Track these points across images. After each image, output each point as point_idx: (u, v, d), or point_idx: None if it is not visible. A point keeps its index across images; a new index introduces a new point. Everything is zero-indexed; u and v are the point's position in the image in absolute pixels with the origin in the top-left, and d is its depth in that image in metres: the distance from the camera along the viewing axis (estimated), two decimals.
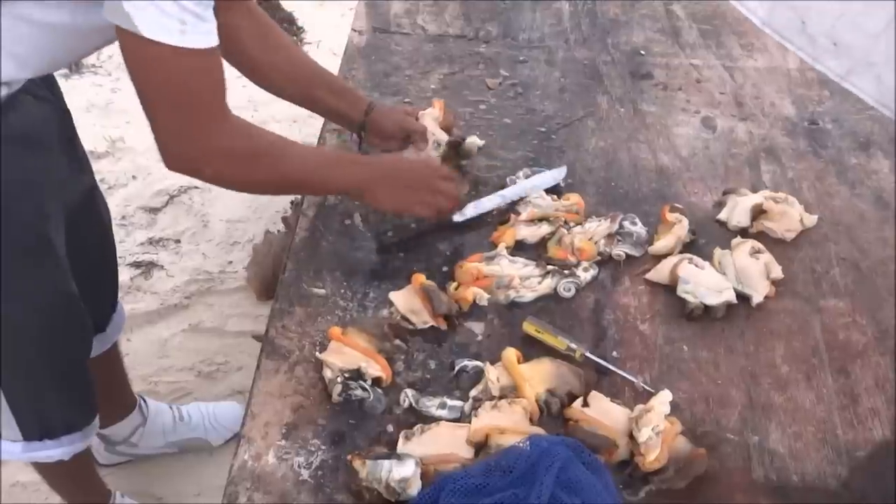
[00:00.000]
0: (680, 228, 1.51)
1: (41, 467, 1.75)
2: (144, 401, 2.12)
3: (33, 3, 1.15)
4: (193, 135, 1.22)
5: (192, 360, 2.41)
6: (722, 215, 1.60)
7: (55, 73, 1.43)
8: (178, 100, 1.17)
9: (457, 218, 1.54)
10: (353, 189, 1.44)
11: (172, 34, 1.08)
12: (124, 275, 2.58)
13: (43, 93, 1.34)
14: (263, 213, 2.86)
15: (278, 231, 2.64)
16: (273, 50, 1.56)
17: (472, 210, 1.56)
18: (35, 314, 1.43)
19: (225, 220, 2.84)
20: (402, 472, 1.11)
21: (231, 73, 1.58)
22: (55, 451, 1.62)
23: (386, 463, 1.12)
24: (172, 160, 1.24)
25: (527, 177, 1.65)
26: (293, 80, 1.60)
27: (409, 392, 1.26)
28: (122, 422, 2.05)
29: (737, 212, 1.58)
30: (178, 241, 2.76)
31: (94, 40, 1.28)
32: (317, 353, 1.30)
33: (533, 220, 1.54)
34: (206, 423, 2.17)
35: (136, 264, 2.66)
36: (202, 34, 1.12)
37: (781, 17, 1.31)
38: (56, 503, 1.97)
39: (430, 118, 1.64)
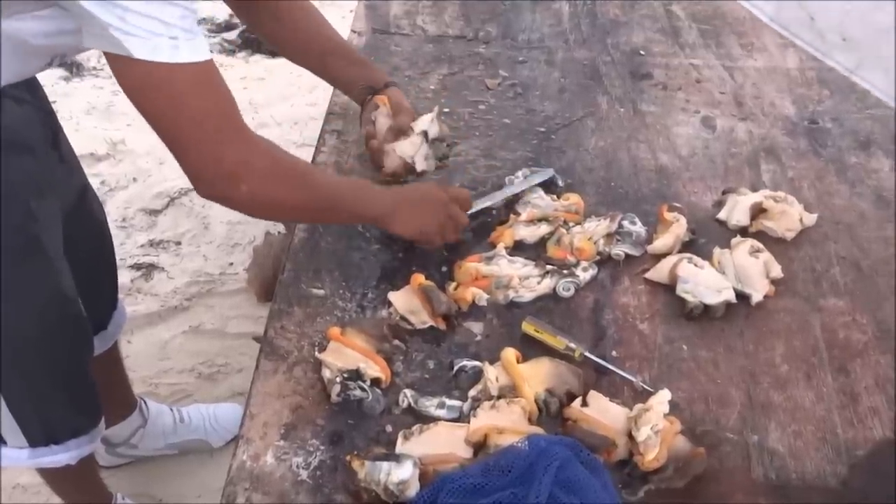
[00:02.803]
0: (678, 227, 1.51)
1: (45, 471, 1.75)
2: (145, 402, 2.12)
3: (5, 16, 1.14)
4: (217, 149, 1.17)
5: (193, 362, 2.41)
6: (721, 215, 1.59)
7: (41, 76, 1.41)
8: (191, 116, 1.14)
9: None
10: (380, 216, 1.43)
11: (165, 51, 1.06)
12: (125, 277, 2.59)
13: (23, 95, 1.33)
14: None
15: (279, 233, 2.64)
16: (288, 17, 1.58)
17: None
18: (30, 317, 1.43)
19: (225, 222, 2.84)
20: (399, 474, 1.11)
21: (230, 76, 1.60)
22: (61, 456, 1.61)
23: (384, 465, 1.12)
24: (205, 184, 1.20)
25: (525, 177, 1.64)
26: (310, 51, 1.62)
27: (408, 392, 1.26)
28: (123, 423, 2.05)
29: (736, 211, 1.57)
30: (178, 243, 2.76)
31: (62, 49, 1.26)
32: (316, 354, 1.30)
33: (532, 220, 1.54)
34: (207, 424, 2.17)
35: (137, 266, 2.67)
36: (195, 49, 1.09)
37: (789, 13, 1.31)
38: None
39: (382, 116, 1.64)
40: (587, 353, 1.32)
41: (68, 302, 1.49)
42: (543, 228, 1.53)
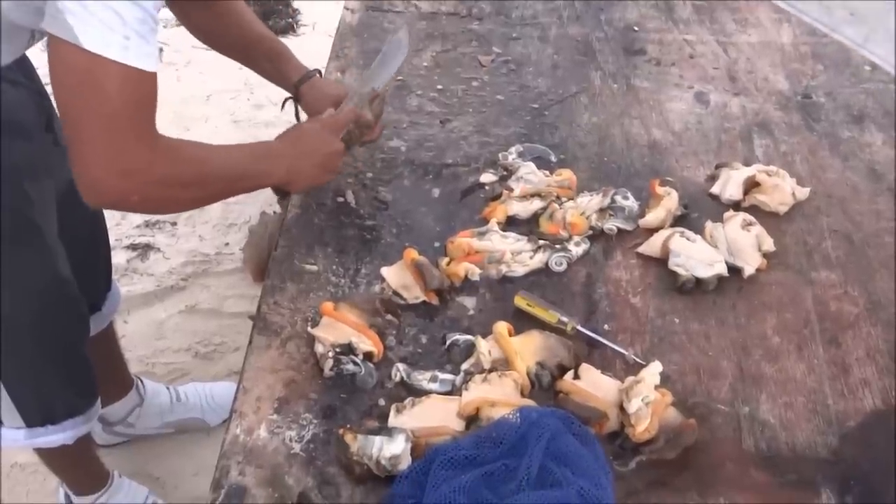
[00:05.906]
0: (669, 201, 1.51)
1: (42, 451, 1.75)
2: (142, 381, 2.12)
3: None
4: (118, 156, 1.11)
5: (189, 342, 2.42)
6: (714, 189, 1.60)
7: (36, 60, 1.41)
8: (106, 113, 1.08)
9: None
10: (276, 184, 1.45)
11: (115, 48, 1.04)
12: (121, 257, 2.59)
13: (18, 78, 1.32)
14: (259, 194, 2.85)
15: (274, 212, 2.63)
16: (218, 15, 1.56)
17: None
18: (26, 299, 1.43)
19: (221, 202, 2.83)
20: (392, 449, 1.11)
21: (225, 57, 1.61)
22: (58, 436, 1.62)
23: (377, 439, 1.12)
24: (95, 189, 1.14)
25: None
26: (233, 46, 1.60)
27: (401, 366, 1.26)
28: (119, 402, 2.06)
29: (729, 185, 1.58)
30: (174, 224, 2.76)
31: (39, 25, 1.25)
32: (308, 329, 1.30)
33: (525, 196, 1.54)
34: (203, 403, 2.17)
35: (133, 247, 2.67)
36: (144, 56, 1.07)
37: None
38: (55, 484, 1.98)
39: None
40: (579, 327, 1.32)
41: (64, 284, 1.49)
42: (536, 204, 1.53)
